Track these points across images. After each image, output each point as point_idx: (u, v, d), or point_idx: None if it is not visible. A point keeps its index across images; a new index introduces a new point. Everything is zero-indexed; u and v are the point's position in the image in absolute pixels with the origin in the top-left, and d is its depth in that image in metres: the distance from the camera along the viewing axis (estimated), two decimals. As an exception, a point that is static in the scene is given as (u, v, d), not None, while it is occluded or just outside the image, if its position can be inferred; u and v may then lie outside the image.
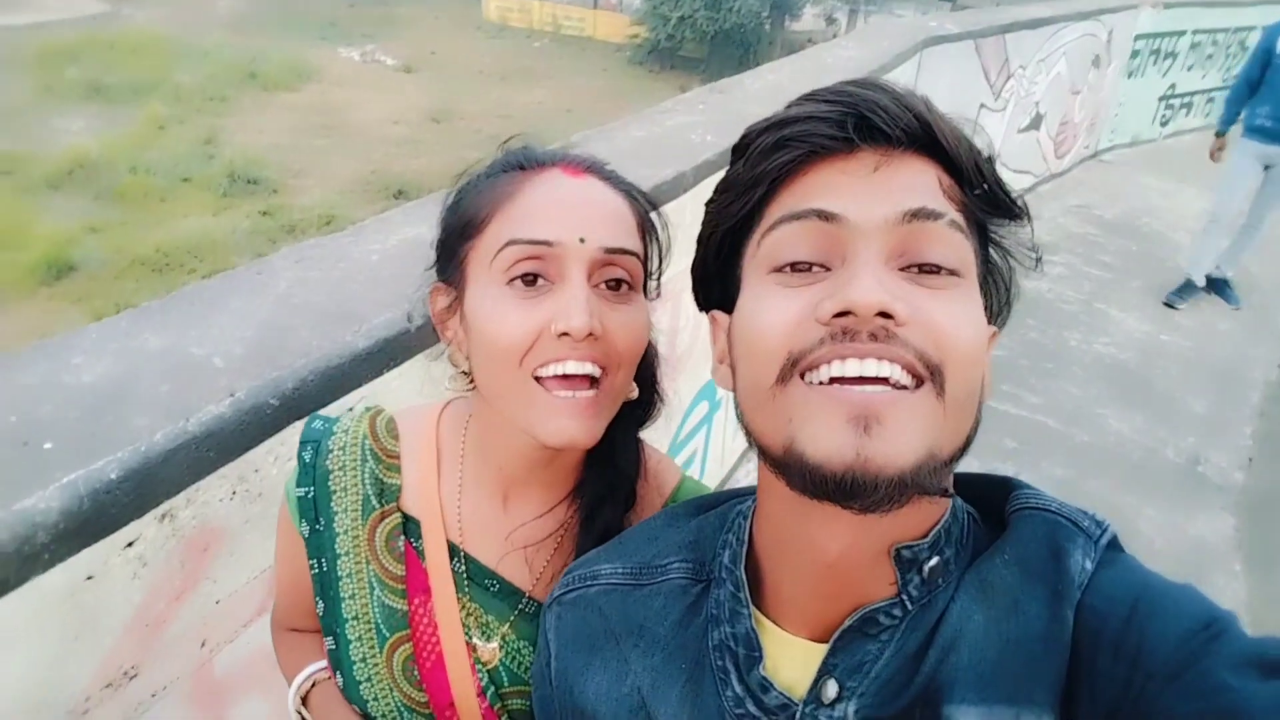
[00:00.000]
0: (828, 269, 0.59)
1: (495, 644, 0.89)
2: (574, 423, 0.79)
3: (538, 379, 0.79)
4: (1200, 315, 5.30)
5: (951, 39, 4.90)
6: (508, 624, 0.90)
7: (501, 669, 0.89)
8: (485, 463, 0.90)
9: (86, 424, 1.04)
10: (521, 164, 0.84)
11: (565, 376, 0.78)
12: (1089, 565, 0.59)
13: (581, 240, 0.78)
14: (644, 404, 0.92)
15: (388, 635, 0.90)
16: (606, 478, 0.90)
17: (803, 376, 0.56)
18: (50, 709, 0.99)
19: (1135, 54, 7.84)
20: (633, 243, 0.82)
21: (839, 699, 0.61)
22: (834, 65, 3.67)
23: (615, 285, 0.81)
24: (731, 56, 11.93)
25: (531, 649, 0.89)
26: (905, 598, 0.61)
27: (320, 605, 0.92)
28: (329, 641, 0.93)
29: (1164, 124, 8.86)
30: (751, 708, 0.64)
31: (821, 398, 0.55)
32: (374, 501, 0.91)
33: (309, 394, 1.18)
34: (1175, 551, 3.32)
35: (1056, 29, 6.33)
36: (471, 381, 0.86)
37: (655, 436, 0.95)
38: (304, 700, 0.98)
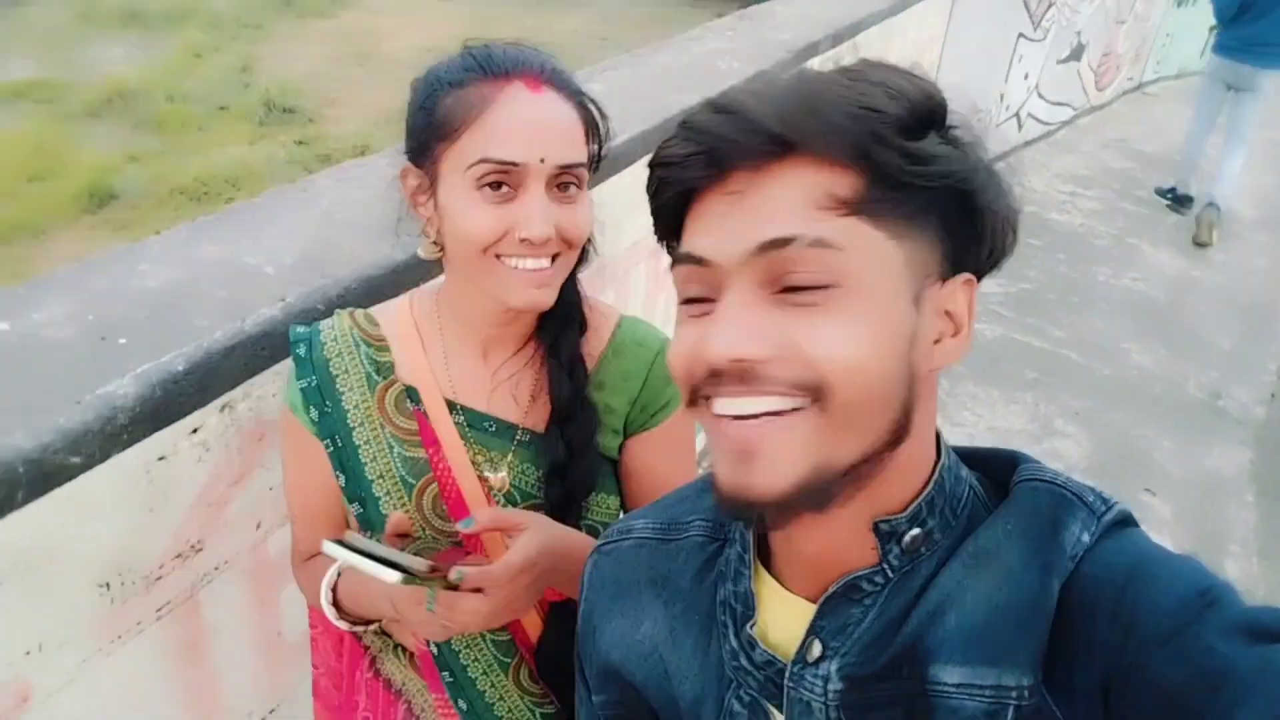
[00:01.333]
0: (715, 300, 0.61)
1: (503, 473, 1.08)
2: (536, 291, 0.97)
3: (498, 255, 0.96)
4: (1234, 252, 5.26)
5: (991, -35, 4.80)
6: (510, 454, 1.08)
7: (514, 490, 1.08)
8: (462, 329, 1.08)
9: (155, 323, 1.15)
10: (485, 68, 0.95)
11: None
12: (1085, 538, 0.60)
13: (542, 160, 0.93)
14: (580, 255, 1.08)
15: (414, 483, 1.07)
16: (561, 310, 1.06)
17: (707, 403, 0.61)
18: (132, 572, 1.12)
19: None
20: (581, 154, 0.97)
21: (823, 658, 0.65)
22: (867, -8, 3.65)
23: (565, 187, 0.97)
24: (770, -17, 11.62)
25: (534, 469, 1.08)
26: (886, 566, 0.64)
27: (342, 478, 1.07)
28: (355, 508, 1.08)
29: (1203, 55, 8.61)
30: (744, 661, 0.69)
31: (716, 431, 0.60)
32: (376, 377, 1.07)
33: (351, 300, 1.29)
34: (1189, 481, 3.38)
35: (1103, -45, 6.16)
36: (442, 250, 1.02)
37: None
38: (334, 594, 1.09)
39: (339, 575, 1.08)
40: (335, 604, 1.09)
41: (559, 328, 1.08)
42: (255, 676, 1.39)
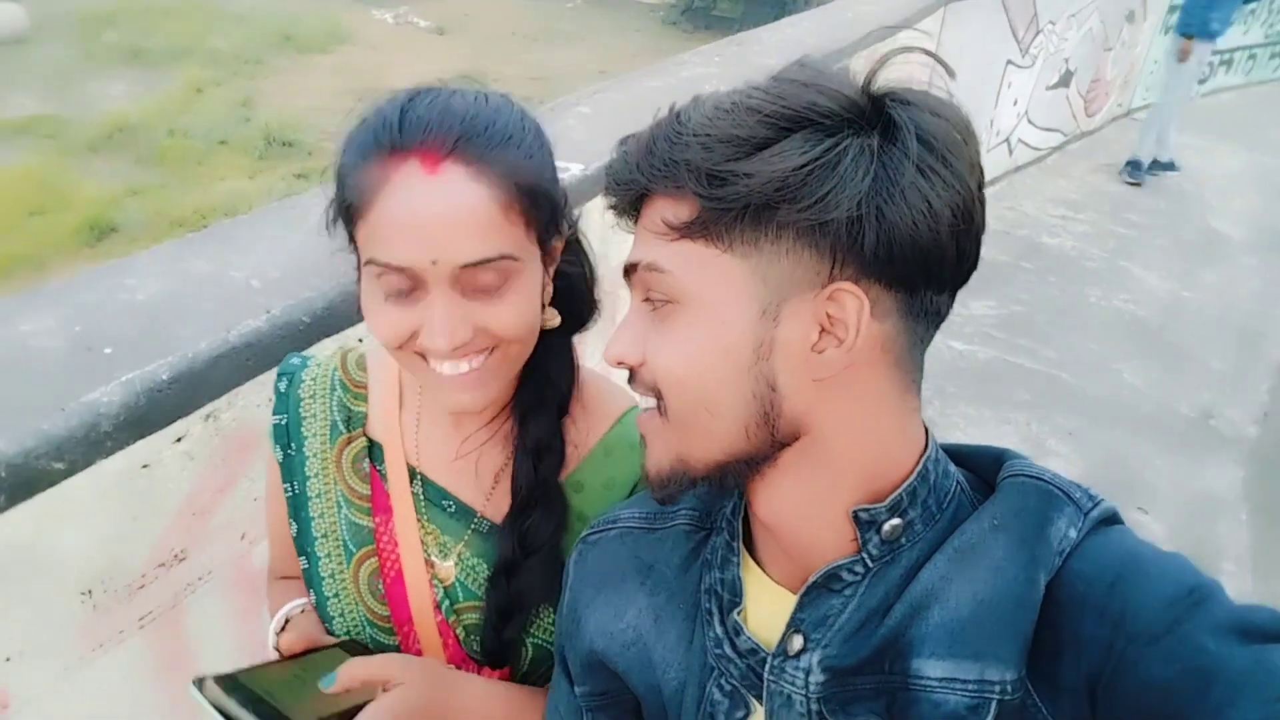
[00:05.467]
0: None
1: (451, 562, 0.96)
2: (463, 396, 0.84)
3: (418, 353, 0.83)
4: (1225, 274, 5.28)
5: (977, -6, 4.88)
6: (462, 542, 0.96)
7: (457, 585, 0.96)
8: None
9: (141, 334, 1.17)
10: (385, 141, 0.79)
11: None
12: (1073, 534, 0.61)
13: (434, 262, 0.77)
14: (573, 316, 0.95)
15: (354, 550, 0.97)
16: (537, 386, 0.93)
17: None
18: (114, 579, 1.13)
19: (1173, 9, 7.69)
20: (495, 245, 0.79)
21: (804, 650, 0.65)
22: (854, 20, 3.70)
23: (483, 283, 0.80)
24: (767, 15, 11.78)
25: (485, 566, 0.95)
26: (865, 556, 0.65)
27: (294, 527, 1.00)
28: (302, 561, 1.00)
29: (1201, 81, 8.69)
30: (727, 649, 0.70)
31: None
32: (341, 427, 0.99)
33: (336, 312, 1.31)
34: (1181, 500, 3.38)
35: (1088, -16, 6.27)
36: None
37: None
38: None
39: (287, 621, 1.03)
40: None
41: (530, 404, 0.94)
42: (240, 689, 1.39)
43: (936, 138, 0.59)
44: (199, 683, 0.81)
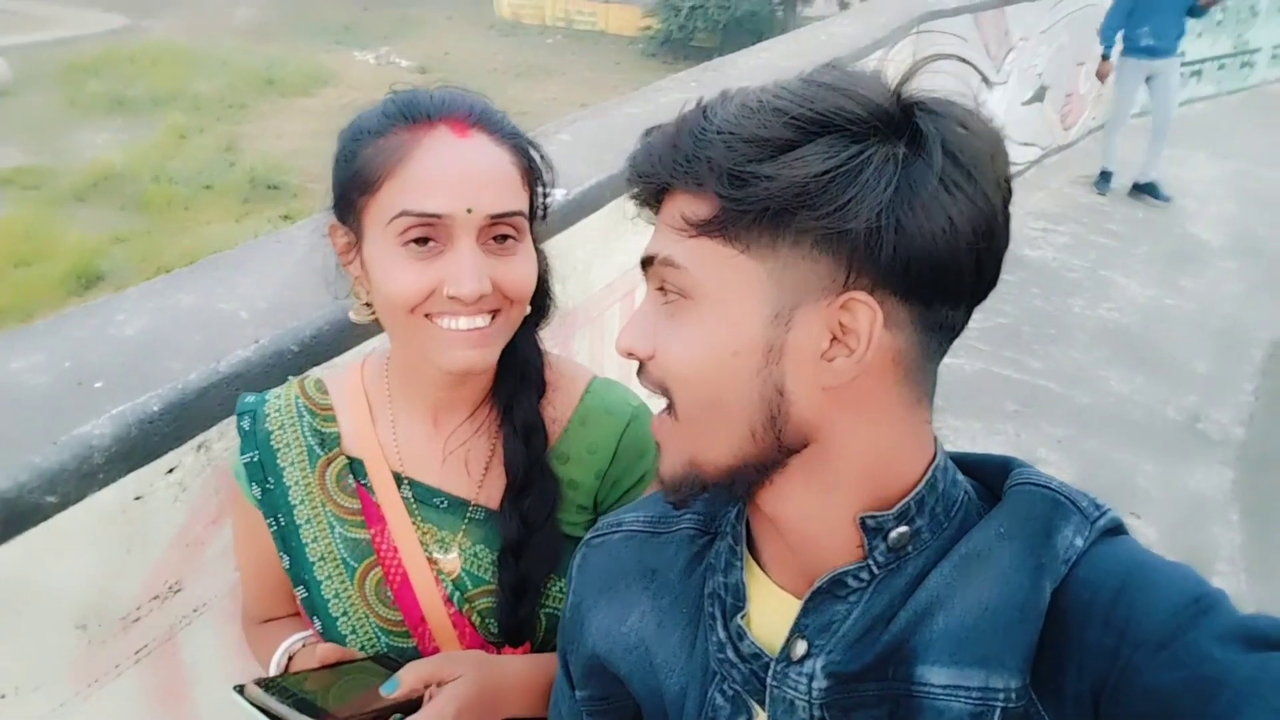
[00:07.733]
0: None
1: (454, 554, 1.00)
2: (471, 352, 0.90)
3: (428, 315, 0.89)
4: (1205, 279, 5.35)
5: (949, 14, 4.97)
6: (461, 533, 1.01)
7: (464, 575, 1.00)
8: (411, 393, 1.01)
9: (131, 367, 1.18)
10: (408, 115, 0.89)
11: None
12: (1079, 543, 0.61)
13: (469, 210, 0.86)
14: (537, 308, 1.01)
15: (355, 565, 1.00)
16: (516, 368, 1.00)
17: None
18: (108, 613, 1.13)
19: (1140, 24, 7.84)
20: (517, 201, 0.90)
21: (807, 656, 0.66)
22: (828, 42, 3.77)
23: (502, 239, 0.90)
24: (744, 44, 11.96)
25: (488, 550, 1.00)
26: (872, 563, 0.65)
27: (286, 560, 1.02)
28: (300, 591, 1.02)
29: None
30: (730, 654, 0.70)
31: None
32: (318, 450, 1.02)
33: (324, 341, 1.32)
34: (1172, 503, 3.40)
35: (1057, 0, 6.38)
36: (373, 312, 0.97)
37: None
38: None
39: (290, 658, 1.06)
40: None
41: (513, 389, 1.00)
42: (237, 722, 1.39)
43: (963, 151, 0.58)
44: (240, 689, 0.84)
